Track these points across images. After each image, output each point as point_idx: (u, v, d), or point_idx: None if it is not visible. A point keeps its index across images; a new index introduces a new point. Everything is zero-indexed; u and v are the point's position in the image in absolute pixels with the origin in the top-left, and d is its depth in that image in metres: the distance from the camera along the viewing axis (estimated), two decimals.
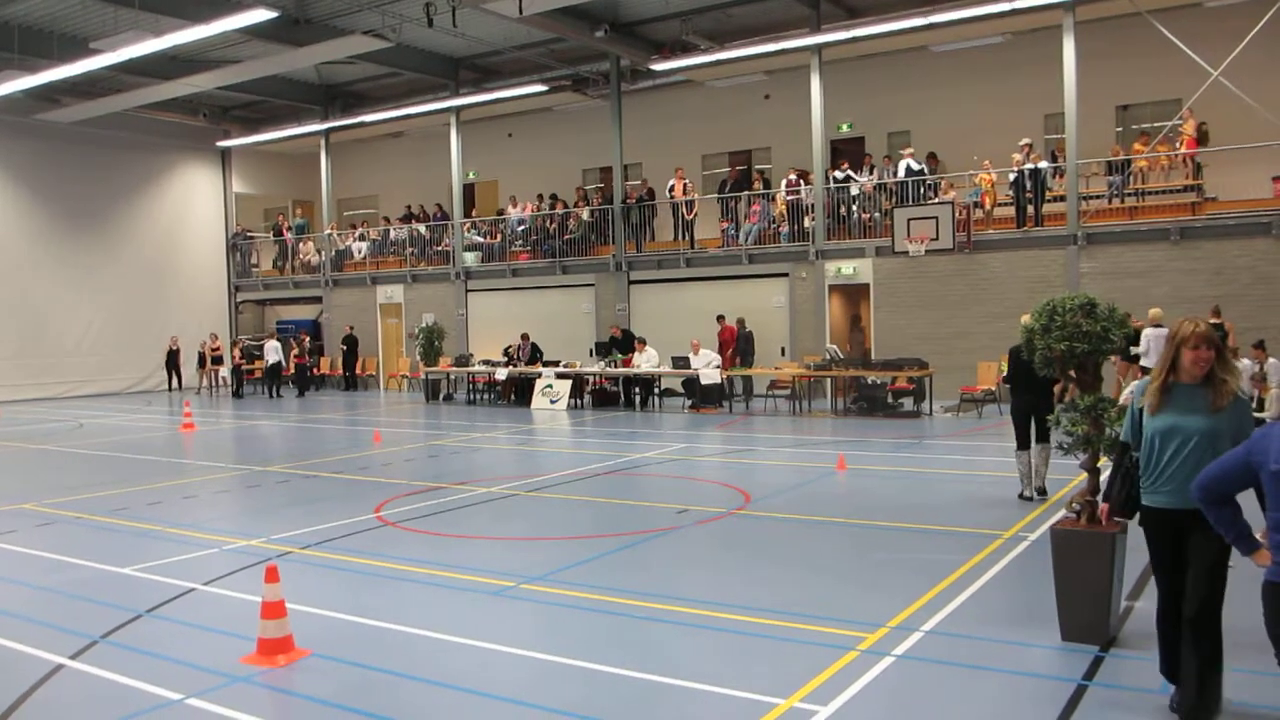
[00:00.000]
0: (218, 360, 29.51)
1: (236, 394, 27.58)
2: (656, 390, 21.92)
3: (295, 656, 5.97)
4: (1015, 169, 19.94)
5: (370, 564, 8.31)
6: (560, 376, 22.20)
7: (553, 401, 21.87)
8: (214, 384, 29.44)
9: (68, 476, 13.79)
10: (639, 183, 25.90)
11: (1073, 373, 6.28)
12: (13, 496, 11.92)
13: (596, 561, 8.32)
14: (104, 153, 28.98)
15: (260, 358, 27.93)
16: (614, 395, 22.26)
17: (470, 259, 27.26)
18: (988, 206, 20.65)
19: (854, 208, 22.07)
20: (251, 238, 32.91)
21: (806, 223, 22.37)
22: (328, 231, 30.25)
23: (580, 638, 6.39)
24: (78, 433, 19.26)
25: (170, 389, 28.47)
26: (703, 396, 20.63)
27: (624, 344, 22.23)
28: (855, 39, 20.97)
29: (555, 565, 8.18)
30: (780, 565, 8.12)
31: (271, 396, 26.76)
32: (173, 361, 28.71)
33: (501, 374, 23.11)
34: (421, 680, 5.69)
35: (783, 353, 22.42)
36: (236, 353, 28.39)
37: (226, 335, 31.41)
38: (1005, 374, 11.96)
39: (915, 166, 21.19)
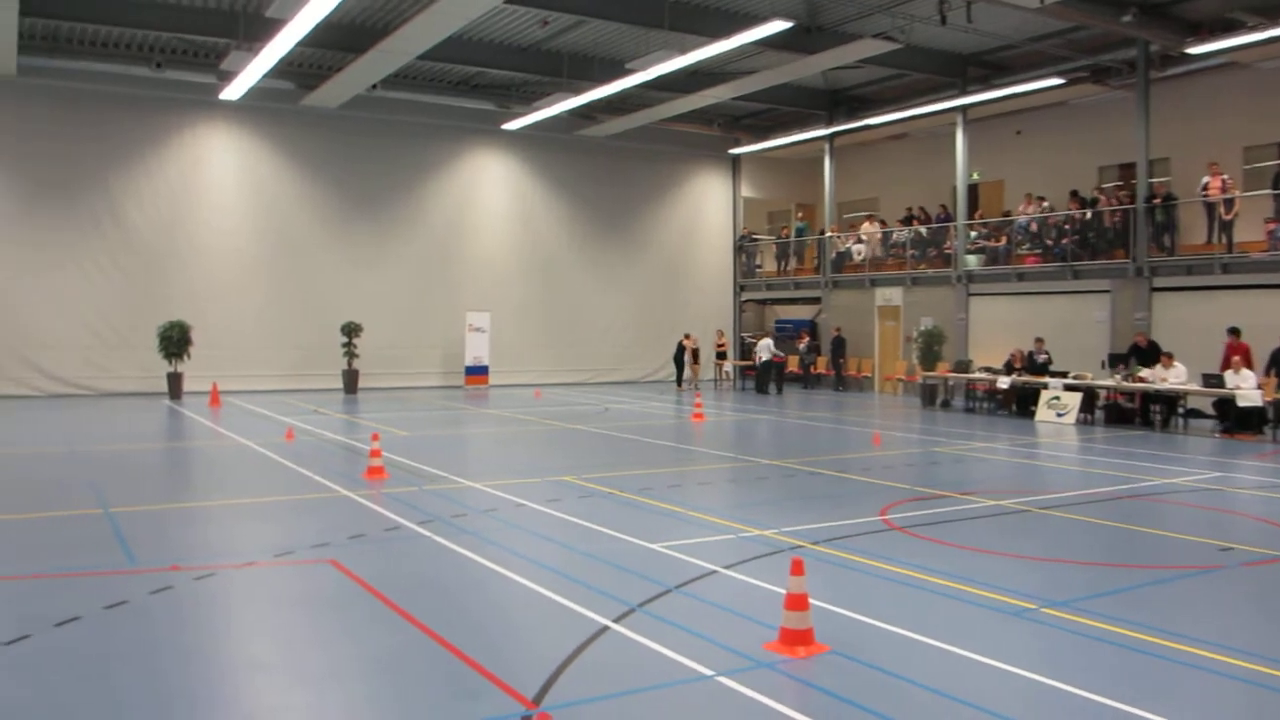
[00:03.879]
0: (722, 356, 31.38)
1: (740, 389, 29.05)
2: (1181, 409, 19.72)
3: (815, 650, 6.05)
4: None
5: (880, 567, 8.25)
6: (1069, 388, 20.76)
7: (1059, 414, 20.50)
8: (718, 378, 31.28)
9: (598, 455, 15.29)
10: (1165, 179, 23.48)
11: None
12: (557, 469, 13.43)
13: (1128, 594, 7.59)
14: (630, 163, 31.95)
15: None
16: (1130, 412, 20.37)
17: (973, 262, 26.39)
18: None
19: None
20: (756, 240, 34.48)
21: None
22: (828, 234, 30.85)
23: (1111, 675, 5.83)
24: (603, 415, 21.31)
25: (679, 381, 30.61)
26: (1238, 420, 18.22)
27: (1148, 355, 20.25)
28: None
29: (1079, 591, 7.59)
30: None
31: (760, 392, 27.86)
32: (681, 355, 30.84)
33: (1004, 382, 22.09)
34: (937, 693, 5.50)
35: None
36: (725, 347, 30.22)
37: (731, 332, 33.27)
38: None
39: None
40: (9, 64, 21.48)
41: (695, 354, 30.59)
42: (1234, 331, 19.28)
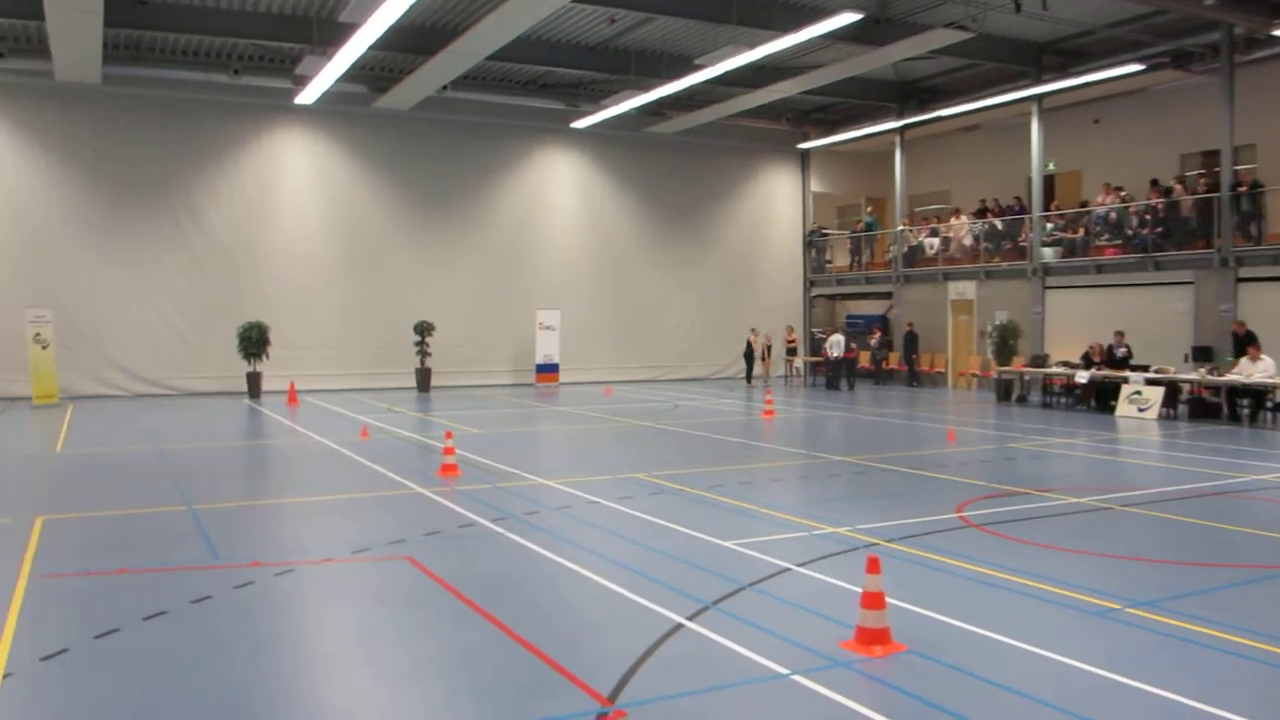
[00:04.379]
0: (792, 352, 31.21)
1: (810, 385, 28.83)
2: (1270, 404, 19.10)
3: (892, 649, 5.97)
4: None
5: (958, 565, 8.12)
6: (1150, 383, 20.23)
7: (1141, 410, 19.99)
8: (788, 374, 31.10)
9: (669, 452, 15.28)
10: (1251, 166, 22.75)
11: None
12: (628, 466, 13.45)
13: (1216, 594, 7.37)
14: (698, 159, 31.86)
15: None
16: (1215, 407, 19.79)
17: (1049, 254, 25.84)
18: None
19: None
20: (826, 235, 34.17)
21: None
22: (900, 228, 30.47)
23: (1198, 678, 5.66)
24: (673, 412, 21.30)
25: (748, 378, 30.46)
26: None
27: (1241, 345, 19.64)
28: None
29: (1164, 591, 7.39)
30: None
31: (831, 388, 27.62)
32: (750, 351, 30.68)
33: (1083, 376, 21.60)
34: (1019, 694, 5.39)
35: None
36: (795, 343, 29.97)
37: (801, 328, 33.05)
38: None
39: None
40: (94, 73, 22.13)
41: (767, 350, 30.44)
42: (1241, 325, 19.42)
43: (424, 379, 26.68)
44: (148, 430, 17.97)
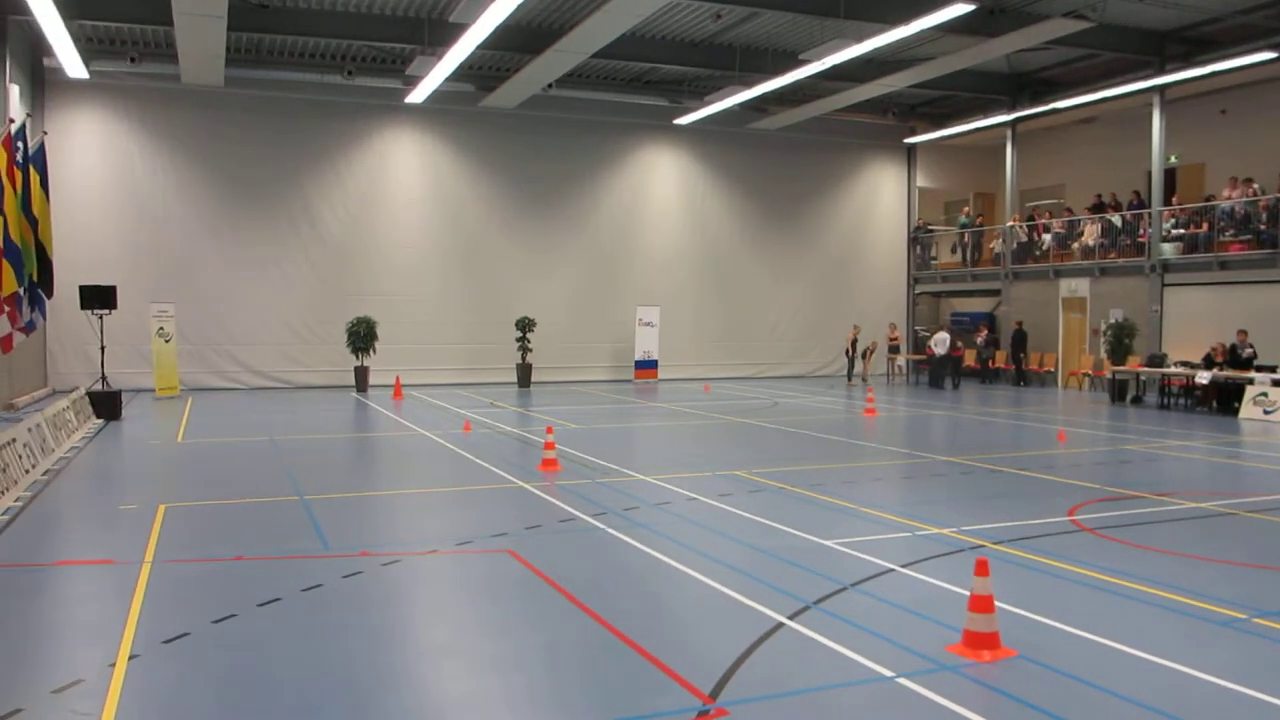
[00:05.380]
0: (895, 350, 30.69)
1: (914, 383, 28.31)
2: None
3: (1001, 654, 5.81)
4: None
5: (1070, 569, 7.86)
6: (1277, 384, 19.32)
7: (1267, 412, 19.11)
8: (890, 373, 30.59)
9: (769, 450, 15.16)
10: None
11: None
12: (727, 463, 13.39)
13: None
14: (802, 154, 31.51)
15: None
16: None
17: (1169, 250, 24.87)
18: None
19: None
20: (931, 231, 33.50)
21: None
22: (1010, 224, 29.68)
23: None
24: (773, 410, 21.12)
25: (849, 375, 30.05)
26: None
27: None
28: None
29: None
30: None
31: (935, 387, 27.07)
32: (851, 349, 30.24)
33: (1204, 377, 20.75)
34: (1137, 703, 5.19)
35: None
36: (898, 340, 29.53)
37: (904, 326, 32.48)
38: None
39: None
40: (217, 76, 22.97)
41: (867, 349, 30.02)
42: None
43: (525, 374, 26.99)
44: (262, 422, 18.56)
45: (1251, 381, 19.80)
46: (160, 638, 6.18)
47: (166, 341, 23.28)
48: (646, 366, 28.81)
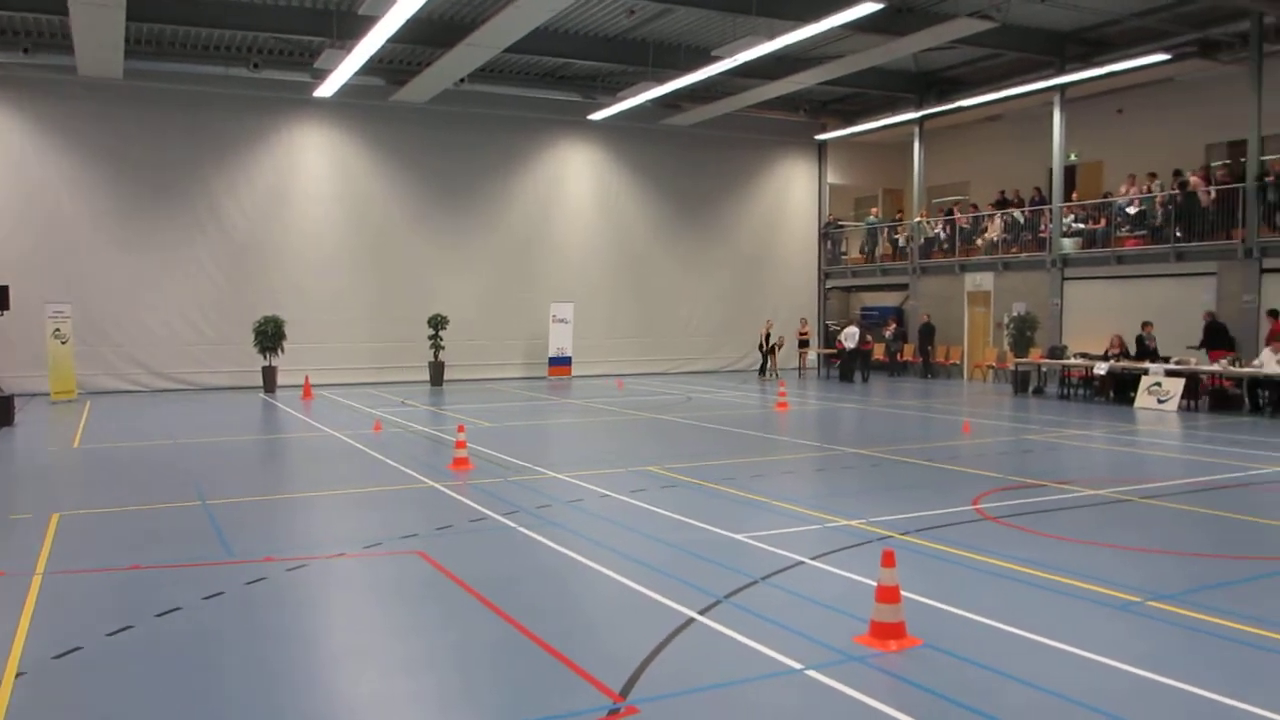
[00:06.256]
0: (804, 344, 31.08)
1: (824, 377, 28.70)
2: None
3: (907, 644, 5.91)
4: None
5: (974, 558, 8.04)
6: (1170, 374, 20.04)
7: (1160, 401, 19.81)
8: (800, 367, 30.94)
9: (682, 445, 15.21)
10: (1278, 157, 22.45)
11: None
12: (641, 459, 13.41)
13: (1239, 587, 7.27)
14: (713, 151, 31.67)
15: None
16: (1236, 399, 19.60)
17: (1069, 245, 25.61)
18: None
19: None
20: (842, 226, 33.99)
21: None
22: (916, 219, 30.28)
23: (1222, 671, 5.58)
24: (686, 405, 21.22)
25: (762, 370, 30.33)
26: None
27: (1211, 336, 19.68)
28: None
29: (1186, 584, 7.31)
30: None
31: (845, 381, 27.50)
32: (764, 343, 30.53)
33: (1102, 367, 21.42)
34: (1039, 689, 5.31)
35: None
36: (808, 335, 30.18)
37: (815, 320, 32.91)
38: None
39: None
40: (116, 68, 22.19)
41: (779, 343, 30.29)
42: (1274, 314, 19.77)
43: (438, 372, 26.69)
44: (164, 426, 18.03)
45: (1146, 372, 20.50)
46: (50, 653, 5.94)
47: (63, 343, 22.46)
48: (560, 363, 28.72)
